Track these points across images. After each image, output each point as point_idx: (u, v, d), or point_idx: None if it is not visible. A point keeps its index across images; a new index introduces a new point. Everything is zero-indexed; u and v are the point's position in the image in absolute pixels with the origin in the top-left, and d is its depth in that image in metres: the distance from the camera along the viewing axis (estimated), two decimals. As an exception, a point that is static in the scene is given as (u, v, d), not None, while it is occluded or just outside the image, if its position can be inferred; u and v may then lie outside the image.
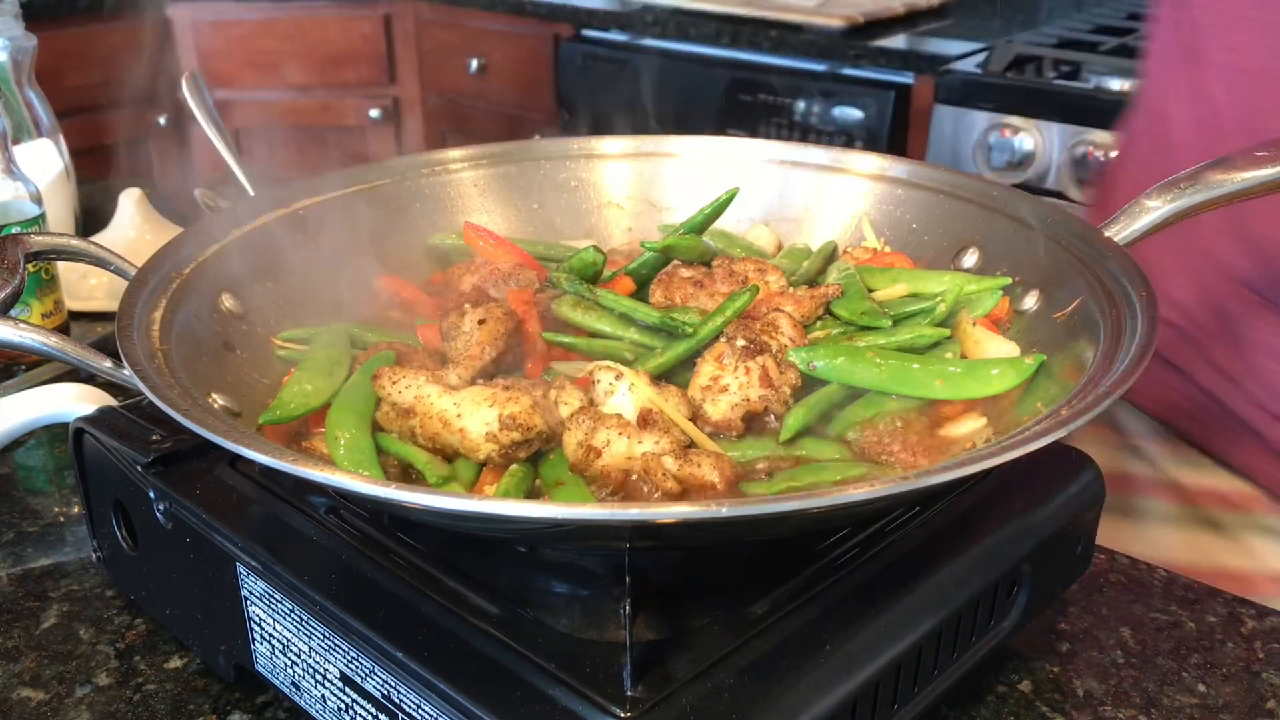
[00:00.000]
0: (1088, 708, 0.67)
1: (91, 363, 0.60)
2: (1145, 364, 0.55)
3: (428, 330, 0.72)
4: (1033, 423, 0.54)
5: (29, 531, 0.84)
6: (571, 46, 2.67)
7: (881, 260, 0.80)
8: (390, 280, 0.81)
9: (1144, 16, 2.20)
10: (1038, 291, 0.71)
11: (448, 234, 0.86)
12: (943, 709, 0.66)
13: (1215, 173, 0.66)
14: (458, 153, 0.89)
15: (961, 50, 2.08)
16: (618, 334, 0.71)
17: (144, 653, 0.71)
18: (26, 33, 1.31)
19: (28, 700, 0.67)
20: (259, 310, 0.73)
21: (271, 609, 0.60)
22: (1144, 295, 0.61)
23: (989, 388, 0.63)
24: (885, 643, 0.55)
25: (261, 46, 3.00)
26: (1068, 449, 0.71)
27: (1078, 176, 1.78)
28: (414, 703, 0.53)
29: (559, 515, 0.45)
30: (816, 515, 0.53)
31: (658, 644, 0.53)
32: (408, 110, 3.11)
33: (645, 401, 0.60)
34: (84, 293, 1.19)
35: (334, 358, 0.67)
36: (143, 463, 0.66)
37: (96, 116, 2.81)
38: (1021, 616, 0.65)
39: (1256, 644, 0.72)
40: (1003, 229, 0.76)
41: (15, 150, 1.30)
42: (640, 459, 0.57)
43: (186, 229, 0.74)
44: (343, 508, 0.63)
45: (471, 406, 0.59)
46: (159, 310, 0.65)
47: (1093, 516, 0.70)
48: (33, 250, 0.68)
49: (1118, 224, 0.69)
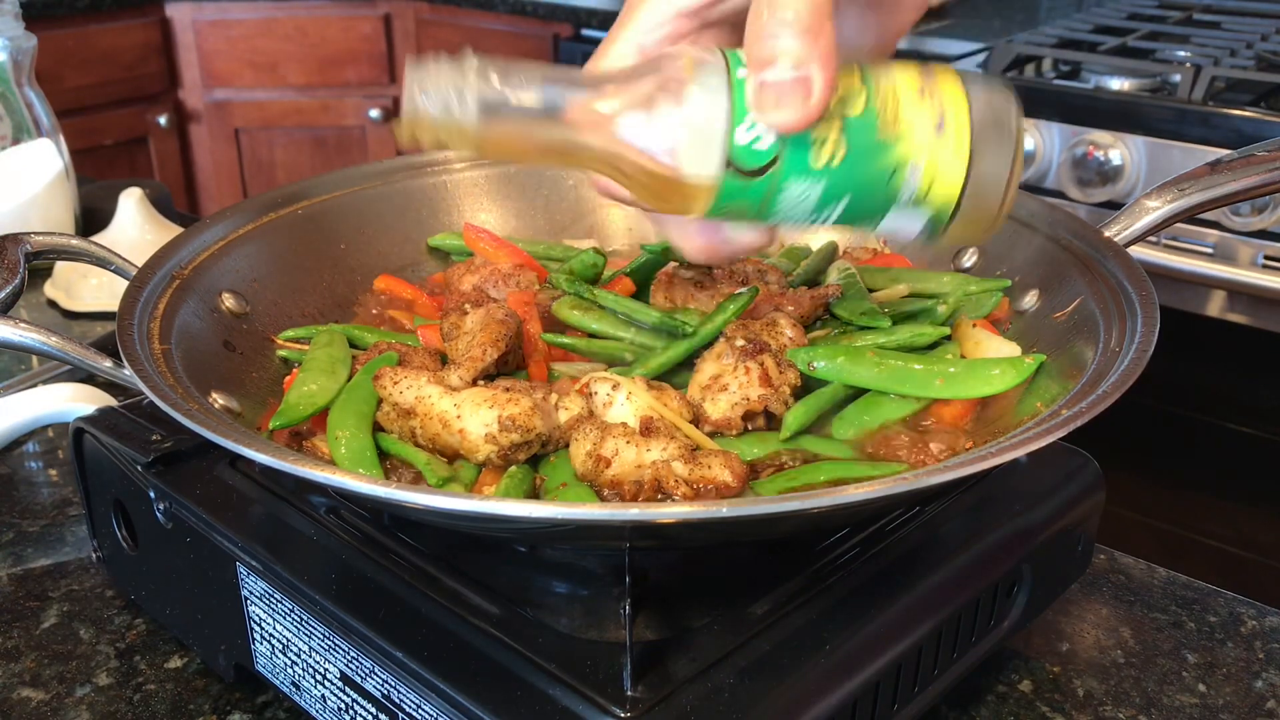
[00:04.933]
0: (1088, 708, 0.67)
1: (91, 363, 0.60)
2: (1145, 364, 0.55)
3: (428, 331, 0.72)
4: (1033, 423, 0.54)
5: (29, 531, 0.84)
6: (571, 46, 2.67)
7: (881, 260, 0.80)
8: (390, 280, 0.81)
9: (1144, 16, 2.21)
10: (1037, 291, 0.71)
11: (448, 234, 0.86)
12: (943, 709, 0.66)
13: (1215, 173, 0.67)
14: (458, 153, 0.89)
15: (961, 50, 2.08)
16: (618, 335, 0.71)
17: (144, 653, 0.71)
18: (26, 33, 1.31)
19: (28, 700, 0.67)
20: (259, 310, 0.73)
21: (271, 609, 0.60)
22: (1144, 295, 0.61)
23: (989, 388, 0.63)
24: (885, 643, 0.55)
25: (261, 46, 3.00)
26: (1068, 449, 0.71)
27: (1078, 176, 1.78)
28: (414, 703, 0.53)
29: (559, 515, 0.45)
30: (817, 515, 0.53)
31: (658, 644, 0.53)
32: (408, 110, 3.11)
33: (645, 409, 0.60)
34: (84, 293, 1.19)
35: (335, 357, 0.67)
36: (143, 463, 0.66)
37: (96, 116, 2.82)
38: (1021, 616, 0.65)
39: (1256, 644, 0.72)
40: (1003, 229, 0.76)
41: (15, 150, 1.30)
42: (650, 467, 0.57)
43: (186, 229, 0.74)
44: (343, 508, 0.63)
45: (471, 408, 0.59)
46: (159, 310, 0.65)
47: (1093, 516, 0.70)
48: (33, 250, 0.68)
49: (1118, 224, 0.69)
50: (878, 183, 0.52)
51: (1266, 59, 1.87)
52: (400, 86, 2.09)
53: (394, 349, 0.68)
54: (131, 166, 2.94)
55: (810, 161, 0.51)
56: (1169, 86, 1.79)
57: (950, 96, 0.52)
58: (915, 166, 0.52)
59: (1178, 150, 1.70)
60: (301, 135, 3.11)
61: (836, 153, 0.52)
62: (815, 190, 0.52)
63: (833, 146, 0.51)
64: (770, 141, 0.51)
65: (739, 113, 0.50)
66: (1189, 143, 1.69)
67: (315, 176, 0.83)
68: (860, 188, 0.53)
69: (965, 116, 0.52)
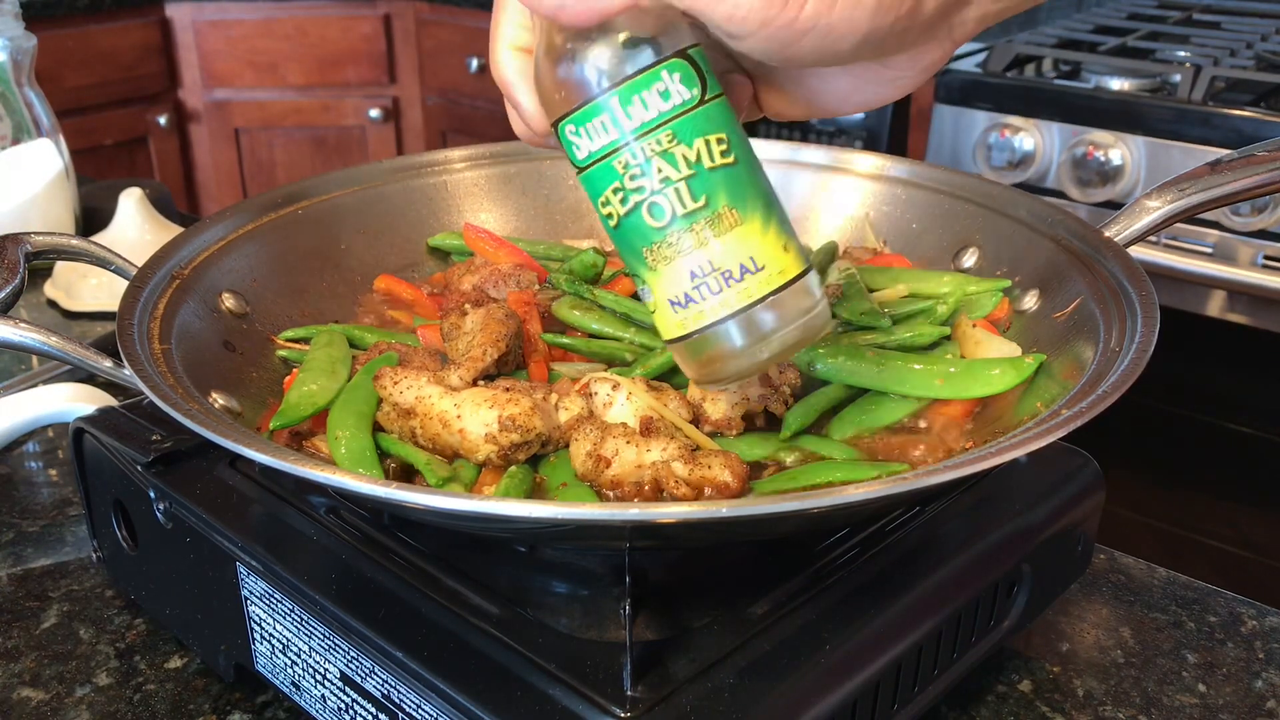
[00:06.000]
0: (1088, 708, 0.67)
1: (91, 363, 0.60)
2: (1145, 364, 0.55)
3: (428, 331, 0.72)
4: (1033, 423, 0.54)
5: (29, 531, 0.84)
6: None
7: (881, 260, 0.80)
8: (390, 280, 0.81)
9: (1144, 16, 2.21)
10: (1037, 291, 0.71)
11: (448, 234, 0.86)
12: (943, 709, 0.66)
13: (1215, 173, 0.67)
14: (458, 153, 0.89)
15: (961, 50, 2.08)
16: (618, 335, 0.71)
17: (144, 653, 0.71)
18: (26, 33, 1.31)
19: (28, 700, 0.67)
20: (259, 310, 0.73)
21: (271, 609, 0.60)
22: (1144, 295, 0.61)
23: (989, 388, 0.63)
24: (885, 643, 0.55)
25: (261, 46, 3.00)
26: (1068, 449, 0.71)
27: (1078, 176, 1.78)
28: (414, 703, 0.53)
29: (559, 515, 0.45)
30: (817, 515, 0.53)
31: (658, 644, 0.53)
32: (408, 110, 3.11)
33: (645, 409, 0.60)
34: (84, 293, 1.19)
35: (335, 357, 0.67)
36: (143, 463, 0.66)
37: (96, 116, 2.82)
38: (1021, 616, 0.65)
39: (1256, 644, 0.72)
40: (1003, 229, 0.76)
41: (15, 150, 1.30)
42: (650, 467, 0.57)
43: (186, 229, 0.74)
44: (343, 508, 0.63)
45: (471, 408, 0.59)
46: (159, 310, 0.65)
47: (1093, 516, 0.70)
48: (33, 250, 0.68)
49: (1118, 224, 0.69)
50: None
51: (1266, 59, 1.87)
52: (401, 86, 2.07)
53: (394, 349, 0.68)
54: (131, 166, 2.94)
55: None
56: (1169, 86, 1.79)
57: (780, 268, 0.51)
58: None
59: (1178, 150, 1.70)
60: (301, 135, 3.11)
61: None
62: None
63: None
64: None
65: None
66: (1189, 143, 1.69)
67: (315, 176, 0.83)
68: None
69: (772, 287, 0.51)
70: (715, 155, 0.50)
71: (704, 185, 0.50)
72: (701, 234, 0.50)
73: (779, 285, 0.51)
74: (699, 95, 0.49)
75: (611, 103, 0.49)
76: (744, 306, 0.51)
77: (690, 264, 0.50)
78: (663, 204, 0.50)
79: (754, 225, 0.51)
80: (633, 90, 0.49)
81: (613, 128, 0.49)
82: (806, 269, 0.52)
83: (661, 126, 0.49)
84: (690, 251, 0.50)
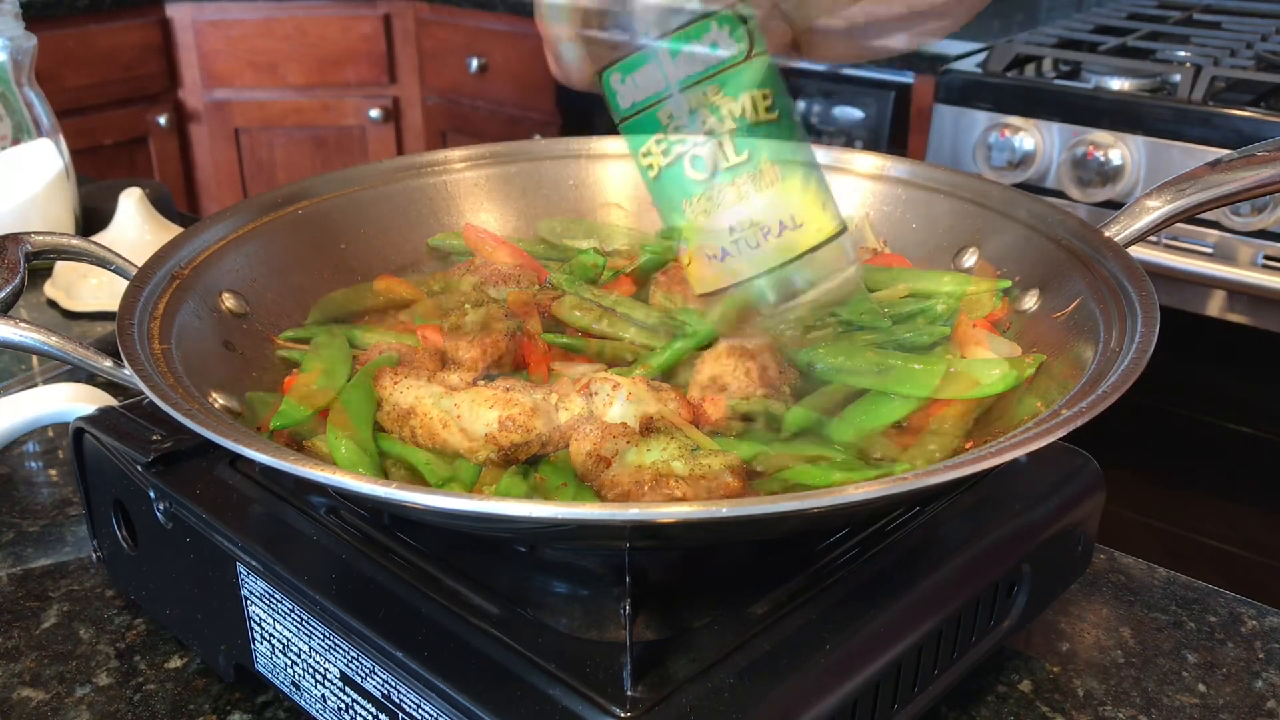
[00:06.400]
0: (1088, 708, 0.67)
1: (91, 363, 0.60)
2: (1145, 364, 0.55)
3: (428, 331, 0.72)
4: (1033, 423, 0.54)
5: (29, 531, 0.84)
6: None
7: (881, 260, 0.80)
8: (390, 280, 0.81)
9: (1144, 16, 2.21)
10: (1037, 291, 0.71)
11: (448, 234, 0.86)
12: (943, 709, 0.66)
13: (1215, 173, 0.66)
14: (458, 153, 0.89)
15: (961, 50, 2.08)
16: (618, 335, 0.71)
17: (144, 653, 0.71)
18: (26, 33, 1.31)
19: (28, 700, 0.67)
20: (259, 310, 0.73)
21: (271, 609, 0.60)
22: (1144, 295, 0.61)
23: (989, 388, 0.63)
24: (885, 643, 0.55)
25: (261, 46, 3.00)
26: (1068, 449, 0.71)
27: (1078, 176, 1.78)
28: (414, 703, 0.53)
29: (559, 515, 0.45)
30: (816, 515, 0.53)
31: (658, 644, 0.53)
32: (408, 110, 3.11)
33: (645, 409, 0.60)
34: (84, 293, 1.19)
35: (335, 357, 0.67)
36: (143, 463, 0.66)
37: (96, 116, 2.82)
38: (1021, 616, 0.65)
39: (1256, 644, 0.72)
40: (1003, 229, 0.76)
41: (15, 150, 1.30)
42: (650, 467, 0.57)
43: (186, 229, 0.74)
44: (343, 508, 0.63)
45: (471, 408, 0.59)
46: (159, 310, 0.64)
47: (1093, 516, 0.70)
48: (33, 250, 0.68)
49: (1118, 224, 0.69)
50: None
51: (1266, 59, 1.87)
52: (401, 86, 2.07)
53: (394, 349, 0.68)
54: (131, 166, 2.94)
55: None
56: (1169, 86, 1.79)
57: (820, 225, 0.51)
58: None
59: (1178, 150, 1.70)
60: (301, 135, 3.11)
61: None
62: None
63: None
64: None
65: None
66: (1189, 143, 1.69)
67: (315, 176, 0.83)
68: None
69: (817, 238, 0.51)
70: (760, 110, 0.50)
71: (748, 140, 0.50)
72: (743, 188, 0.50)
73: (816, 243, 0.51)
74: (746, 49, 0.49)
75: (660, 53, 0.49)
76: (781, 263, 0.51)
77: (729, 218, 0.50)
78: (705, 156, 0.50)
79: (794, 182, 0.51)
80: (682, 41, 0.49)
81: (659, 77, 0.49)
82: (842, 229, 0.52)
83: (709, 79, 0.49)
84: (730, 205, 0.50)
